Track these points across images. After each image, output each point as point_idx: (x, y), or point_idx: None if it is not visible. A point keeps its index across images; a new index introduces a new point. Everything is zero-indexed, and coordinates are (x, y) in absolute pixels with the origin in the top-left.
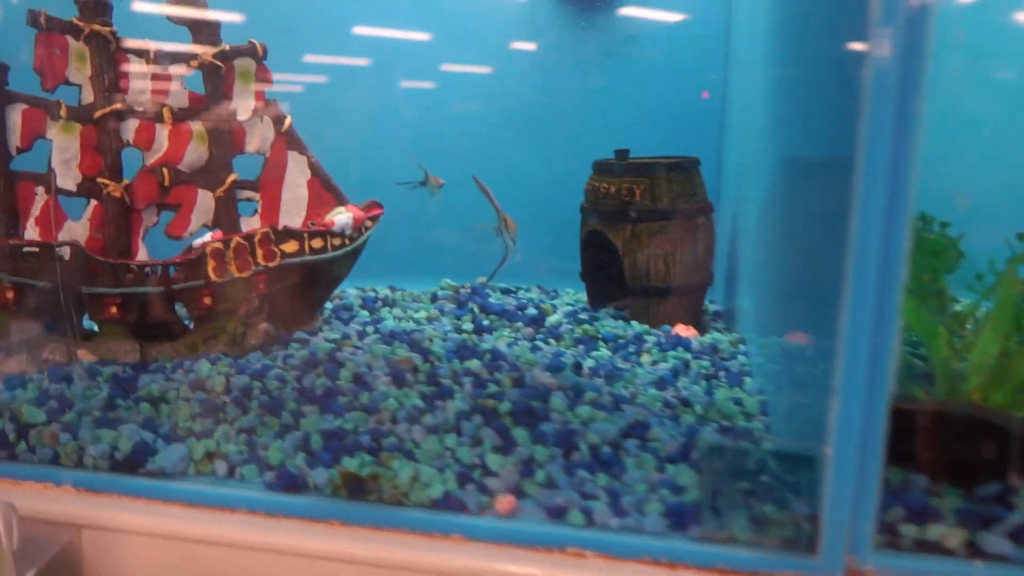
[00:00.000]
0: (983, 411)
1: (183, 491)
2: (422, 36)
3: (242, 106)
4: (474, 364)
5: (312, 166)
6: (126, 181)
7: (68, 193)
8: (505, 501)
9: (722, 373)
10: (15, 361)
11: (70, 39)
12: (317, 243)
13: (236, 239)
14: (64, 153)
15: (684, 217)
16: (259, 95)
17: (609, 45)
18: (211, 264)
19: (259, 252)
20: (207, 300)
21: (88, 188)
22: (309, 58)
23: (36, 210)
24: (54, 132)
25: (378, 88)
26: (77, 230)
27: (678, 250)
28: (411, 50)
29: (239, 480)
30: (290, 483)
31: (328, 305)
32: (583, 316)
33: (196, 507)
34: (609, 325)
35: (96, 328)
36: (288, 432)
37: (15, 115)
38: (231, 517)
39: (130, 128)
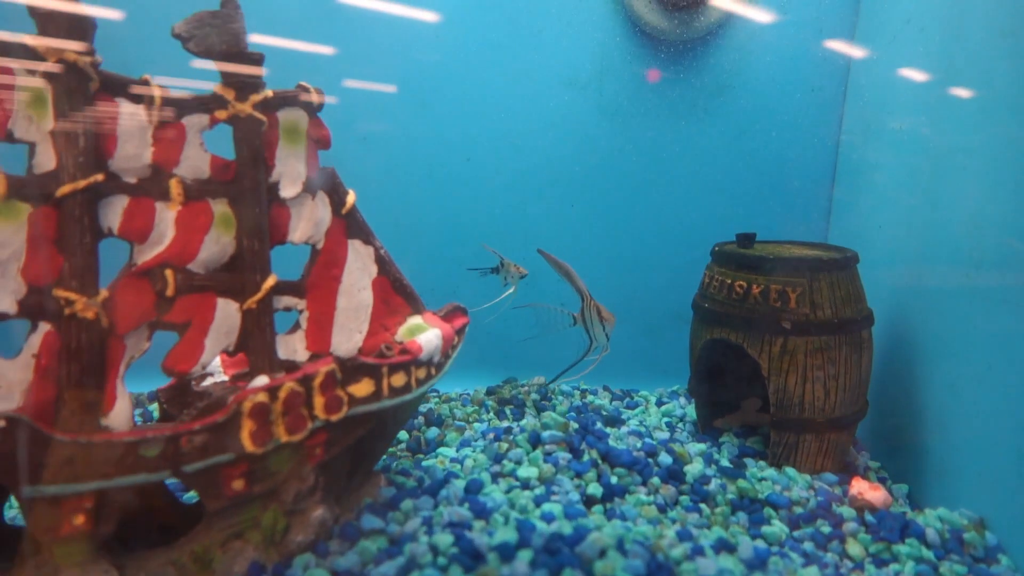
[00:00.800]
0: None
1: None
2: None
3: (288, 177)
4: None
5: (380, 260)
6: (104, 292)
7: (2, 316)
8: None
9: None
10: None
11: (18, 70)
12: (399, 380)
13: (289, 384)
14: None
15: (851, 331)
16: (311, 161)
17: (696, 96)
18: (248, 427)
19: (319, 401)
20: (238, 484)
21: (37, 306)
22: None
23: None
24: None
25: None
26: (12, 376)
27: (843, 373)
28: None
29: None
30: None
31: None
32: (723, 461)
33: None
34: (759, 474)
35: (40, 548)
36: None
37: None
38: None
39: (115, 210)
